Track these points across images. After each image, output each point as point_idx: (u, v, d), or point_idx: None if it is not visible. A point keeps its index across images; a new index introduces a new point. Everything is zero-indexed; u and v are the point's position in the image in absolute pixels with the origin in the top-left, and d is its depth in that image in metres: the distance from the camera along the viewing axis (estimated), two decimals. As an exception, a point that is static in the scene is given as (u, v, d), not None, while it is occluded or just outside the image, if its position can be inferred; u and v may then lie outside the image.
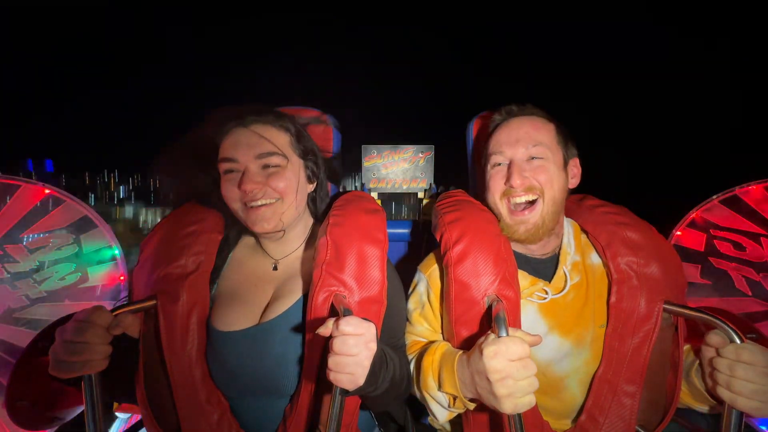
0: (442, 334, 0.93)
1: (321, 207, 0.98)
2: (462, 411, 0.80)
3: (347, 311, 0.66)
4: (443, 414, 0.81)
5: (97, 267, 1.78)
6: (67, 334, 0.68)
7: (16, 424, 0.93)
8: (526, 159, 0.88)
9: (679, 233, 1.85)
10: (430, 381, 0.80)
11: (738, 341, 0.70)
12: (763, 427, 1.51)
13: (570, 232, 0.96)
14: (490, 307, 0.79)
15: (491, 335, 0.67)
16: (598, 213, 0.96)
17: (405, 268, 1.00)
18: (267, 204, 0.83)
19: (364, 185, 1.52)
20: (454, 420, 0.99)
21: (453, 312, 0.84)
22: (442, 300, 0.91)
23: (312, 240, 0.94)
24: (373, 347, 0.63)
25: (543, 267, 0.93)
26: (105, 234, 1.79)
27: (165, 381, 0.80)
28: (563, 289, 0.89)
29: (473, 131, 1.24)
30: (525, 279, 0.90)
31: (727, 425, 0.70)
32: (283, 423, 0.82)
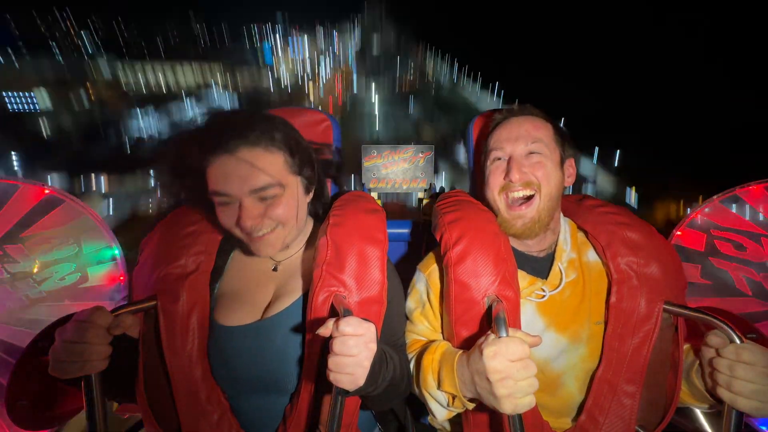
0: (442, 333, 0.93)
1: (321, 207, 0.98)
2: (461, 410, 0.80)
3: (347, 311, 0.66)
4: (442, 413, 0.81)
5: (97, 267, 1.78)
6: (68, 334, 0.68)
7: (16, 424, 0.93)
8: (525, 155, 0.91)
9: (680, 233, 1.85)
10: (429, 379, 0.80)
11: (738, 341, 0.70)
12: (763, 428, 1.51)
13: (566, 229, 0.97)
14: (490, 308, 0.79)
15: (491, 335, 0.67)
16: (597, 213, 0.97)
17: (405, 268, 1.00)
18: (269, 231, 0.81)
19: (364, 185, 1.52)
20: (454, 420, 0.99)
21: (453, 312, 0.84)
22: (441, 300, 0.91)
23: (312, 240, 0.93)
24: (373, 348, 0.63)
25: (540, 265, 0.94)
26: (105, 234, 1.79)
27: (165, 381, 0.80)
28: (558, 286, 0.90)
29: (474, 131, 1.24)
30: (524, 279, 0.90)
31: (727, 425, 0.70)
32: (283, 423, 0.82)
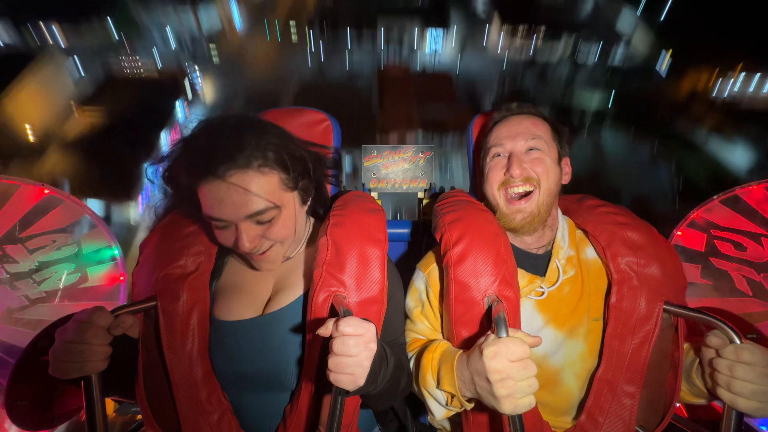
0: (441, 333, 0.93)
1: (321, 207, 0.98)
2: (460, 410, 0.80)
3: (347, 312, 0.66)
4: (441, 412, 0.81)
5: (97, 267, 1.78)
6: (68, 334, 0.68)
7: (16, 424, 0.93)
8: (524, 151, 0.92)
9: (680, 233, 1.85)
10: (429, 378, 0.80)
11: (738, 342, 0.70)
12: (763, 428, 1.51)
13: (564, 227, 0.98)
14: (490, 308, 0.79)
15: (491, 336, 0.67)
16: (598, 213, 0.97)
17: (405, 268, 1.00)
18: (268, 249, 0.81)
19: (364, 185, 1.52)
20: (453, 419, 0.99)
21: (453, 312, 0.84)
22: (441, 299, 0.91)
23: (313, 238, 0.94)
24: (373, 347, 0.63)
25: (539, 262, 0.94)
26: (104, 234, 1.79)
27: (165, 381, 0.80)
28: (556, 282, 0.91)
29: (474, 130, 1.24)
30: (524, 278, 0.90)
31: (727, 425, 0.70)
32: (283, 423, 0.82)
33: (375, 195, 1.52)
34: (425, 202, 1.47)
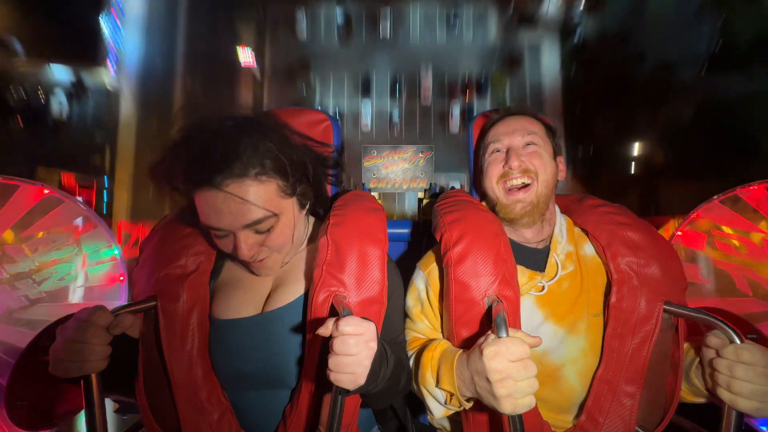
0: (441, 332, 0.93)
1: (321, 207, 0.97)
2: (459, 409, 0.80)
3: (347, 311, 0.66)
4: (439, 410, 0.82)
5: (97, 267, 1.78)
6: (68, 333, 0.68)
7: (15, 424, 0.93)
8: (522, 146, 0.95)
9: (680, 233, 1.85)
10: (428, 376, 0.80)
11: (738, 341, 0.70)
12: (764, 428, 1.51)
13: (562, 223, 0.99)
14: (490, 308, 0.79)
15: (491, 335, 0.67)
16: (598, 213, 0.97)
17: (405, 268, 1.00)
18: (267, 257, 0.82)
19: (364, 185, 1.52)
20: (453, 419, 0.99)
21: (453, 312, 0.84)
22: (441, 298, 0.92)
23: (313, 238, 0.93)
24: (374, 347, 0.63)
25: (539, 257, 0.95)
26: (105, 234, 1.79)
27: (165, 381, 0.80)
28: (554, 276, 0.91)
29: (474, 131, 1.24)
30: (524, 274, 0.91)
31: (727, 426, 0.70)
32: (283, 422, 0.82)
33: (375, 195, 1.52)
34: (425, 202, 1.47)
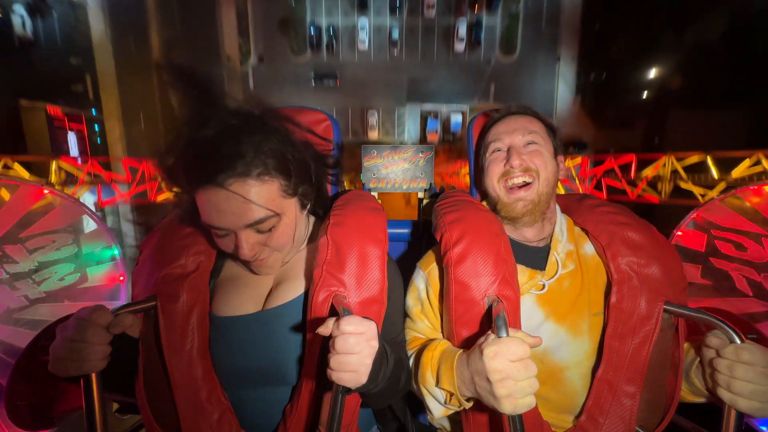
0: (441, 332, 0.93)
1: (321, 207, 0.97)
2: (458, 409, 0.80)
3: (347, 311, 0.66)
4: (439, 410, 0.82)
5: (97, 267, 1.78)
6: (68, 332, 0.68)
7: (15, 424, 0.93)
8: (522, 145, 0.95)
9: (680, 233, 1.85)
10: (428, 376, 0.80)
11: (738, 341, 0.70)
12: (764, 428, 1.51)
13: (562, 222, 0.99)
14: (490, 308, 0.79)
15: (491, 335, 0.67)
16: (598, 213, 0.97)
17: (405, 268, 1.00)
18: (267, 256, 0.82)
19: (364, 185, 1.52)
20: (453, 418, 0.99)
21: (453, 312, 0.84)
22: (441, 298, 0.91)
23: (313, 237, 0.93)
24: (375, 345, 0.63)
25: (539, 255, 0.95)
26: (104, 234, 1.79)
27: (165, 381, 0.80)
28: (555, 275, 0.91)
29: (474, 131, 1.24)
30: (524, 273, 0.91)
31: (727, 426, 0.70)
32: (283, 422, 0.82)
33: (375, 195, 1.52)
34: (425, 202, 1.47)
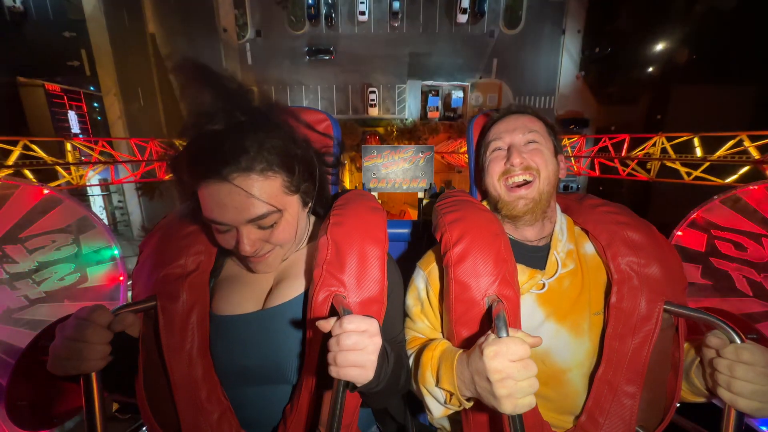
0: (441, 332, 0.93)
1: (322, 206, 0.97)
2: (458, 408, 0.80)
3: (347, 311, 0.66)
4: (439, 410, 0.82)
5: (97, 267, 1.78)
6: (67, 331, 0.68)
7: (15, 424, 0.93)
8: (523, 143, 0.96)
9: (680, 233, 1.85)
10: (428, 376, 0.80)
11: (738, 341, 0.70)
12: (764, 428, 1.51)
13: (563, 221, 0.99)
14: (490, 308, 0.79)
15: (491, 335, 0.67)
16: (598, 212, 0.97)
17: (405, 268, 1.00)
18: (268, 252, 0.81)
19: (364, 185, 1.52)
20: (453, 418, 0.99)
21: (453, 312, 0.84)
22: (441, 298, 0.91)
23: (313, 237, 0.94)
24: (378, 341, 0.64)
25: (539, 255, 0.95)
26: (104, 234, 1.79)
27: (165, 381, 0.80)
28: (555, 274, 0.91)
29: (474, 130, 1.24)
30: (524, 273, 0.91)
31: (727, 426, 0.70)
32: (283, 422, 0.82)
33: (375, 195, 1.52)
34: (425, 202, 1.47)
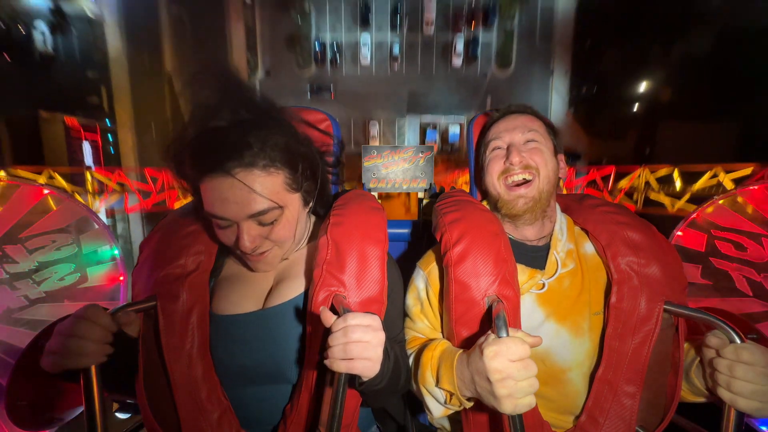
0: (441, 332, 0.93)
1: (322, 206, 0.97)
2: (458, 408, 0.80)
3: (347, 311, 0.66)
4: (439, 410, 0.82)
5: (97, 267, 1.78)
6: (61, 327, 0.68)
7: (15, 424, 0.93)
8: (522, 143, 0.95)
9: (680, 233, 1.85)
10: (428, 376, 0.80)
11: (738, 341, 0.70)
12: (764, 428, 1.51)
13: (562, 221, 0.99)
14: (490, 308, 0.79)
15: (491, 335, 0.67)
16: (598, 212, 0.97)
17: (405, 268, 1.00)
18: (267, 250, 0.82)
19: (364, 185, 1.52)
20: (453, 418, 0.99)
21: (453, 312, 0.84)
22: (441, 298, 0.91)
23: (313, 237, 0.94)
24: (382, 336, 0.64)
25: (539, 254, 0.95)
26: (104, 234, 1.79)
27: (165, 381, 0.80)
28: (554, 274, 0.91)
29: (474, 130, 1.24)
30: (523, 273, 0.91)
31: (727, 426, 0.70)
32: (283, 422, 0.82)
33: (375, 195, 1.52)
34: (425, 202, 1.47)
